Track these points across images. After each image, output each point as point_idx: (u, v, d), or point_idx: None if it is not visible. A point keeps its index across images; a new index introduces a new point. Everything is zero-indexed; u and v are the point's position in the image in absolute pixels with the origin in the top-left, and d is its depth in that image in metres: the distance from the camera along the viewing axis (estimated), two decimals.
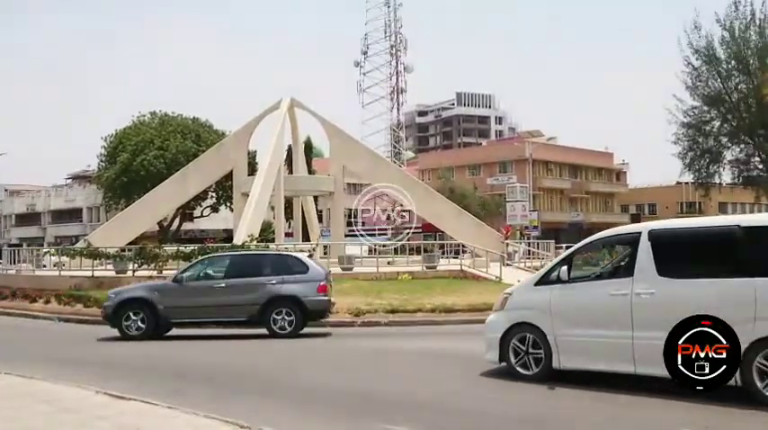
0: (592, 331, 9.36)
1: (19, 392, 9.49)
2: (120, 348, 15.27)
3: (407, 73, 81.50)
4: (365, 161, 38.07)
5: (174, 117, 58.63)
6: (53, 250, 36.07)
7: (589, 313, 9.53)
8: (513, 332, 10.15)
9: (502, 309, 10.56)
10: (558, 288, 9.88)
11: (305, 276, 16.73)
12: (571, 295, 9.75)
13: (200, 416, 7.68)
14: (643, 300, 8.92)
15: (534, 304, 10.06)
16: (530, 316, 10.05)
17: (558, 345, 9.70)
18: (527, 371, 9.94)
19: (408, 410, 8.50)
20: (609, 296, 9.26)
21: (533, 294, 10.20)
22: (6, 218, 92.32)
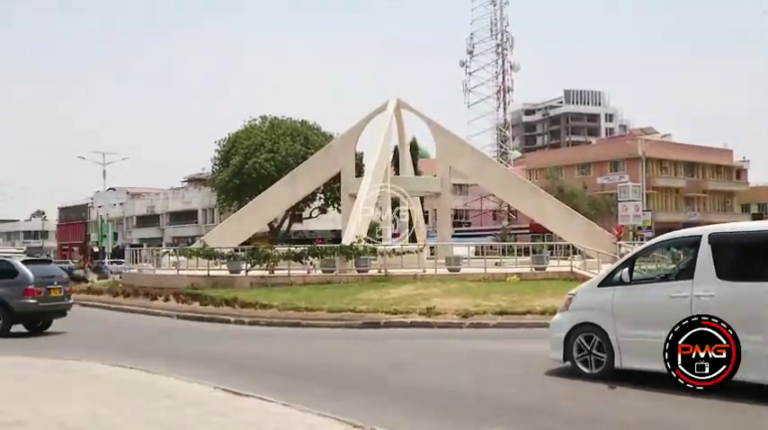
0: (652, 332, 9.23)
1: (143, 386, 9.93)
2: (230, 347, 15.73)
3: (514, 71, 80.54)
4: (471, 161, 37.82)
5: (284, 120, 60.14)
6: (171, 250, 37.68)
7: (649, 314, 9.60)
8: (576, 332, 10.37)
9: (566, 309, 10.82)
10: (620, 289, 10.06)
11: (12, 280, 17.57)
12: (632, 296, 9.92)
13: (314, 415, 7.80)
14: (702, 302, 8.90)
15: (597, 305, 10.27)
16: (592, 316, 10.27)
17: (619, 346, 9.84)
18: (589, 370, 10.17)
19: (516, 413, 8.35)
20: (669, 298, 9.35)
21: (596, 295, 10.42)
22: (128, 219, 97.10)
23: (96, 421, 7.61)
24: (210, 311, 22.66)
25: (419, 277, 26.30)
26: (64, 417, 7.76)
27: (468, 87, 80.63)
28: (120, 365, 11.70)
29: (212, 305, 23.20)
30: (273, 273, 27.73)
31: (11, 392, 9.51)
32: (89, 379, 10.60)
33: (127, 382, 10.28)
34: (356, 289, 24.15)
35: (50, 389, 9.75)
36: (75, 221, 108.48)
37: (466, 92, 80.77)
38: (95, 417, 7.81)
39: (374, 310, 20.19)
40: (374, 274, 27.11)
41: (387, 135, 36.04)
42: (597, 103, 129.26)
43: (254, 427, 7.39)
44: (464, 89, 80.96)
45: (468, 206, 75.75)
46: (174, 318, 22.73)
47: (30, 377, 10.75)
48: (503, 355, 13.38)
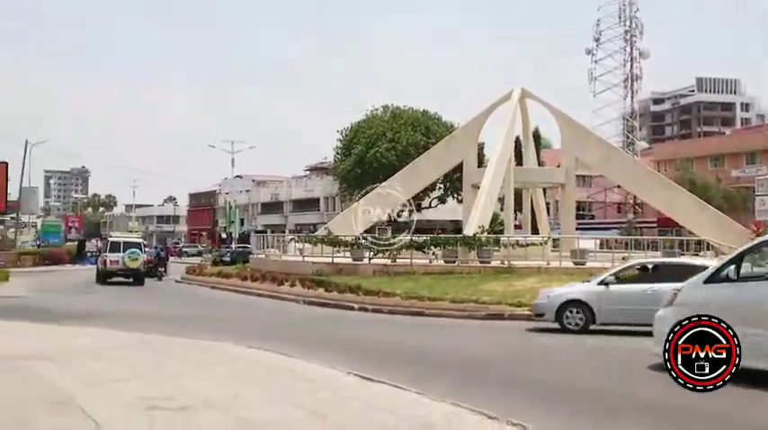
0: (756, 330, 9.07)
1: (279, 368, 10.25)
2: (356, 333, 15.97)
3: (643, 59, 77.35)
4: (598, 152, 36.68)
5: (405, 110, 60.35)
6: (296, 237, 38.67)
7: (755, 312, 9.43)
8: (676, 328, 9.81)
9: (671, 304, 10.67)
10: (726, 286, 10.00)
11: None
12: (738, 294, 9.82)
13: (448, 404, 7.78)
14: None
15: (701, 301, 9.96)
16: (698, 313, 9.46)
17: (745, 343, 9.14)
18: None
19: (648, 412, 8.03)
20: None
21: (701, 291, 10.30)
22: (253, 206, 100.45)
23: (238, 400, 7.90)
24: (335, 298, 23.15)
25: (543, 270, 25.80)
26: (208, 395, 8.10)
27: (593, 76, 78.13)
28: (255, 347, 12.12)
29: (336, 291, 23.67)
30: (395, 262, 27.96)
31: (157, 370, 10.03)
32: (228, 359, 11.04)
33: (263, 364, 10.63)
34: (478, 280, 23.98)
35: (193, 367, 10.21)
36: (204, 207, 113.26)
37: (591, 80, 78.32)
38: (237, 397, 8.11)
39: (498, 302, 20.00)
40: (497, 266, 26.82)
41: (511, 124, 35.51)
42: (732, 91, 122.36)
43: (389, 413, 7.45)
44: (589, 78, 78.51)
45: (592, 198, 73.56)
46: (301, 303, 23.37)
47: (172, 355, 11.31)
48: (636, 352, 12.93)
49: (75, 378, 9.14)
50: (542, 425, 7.05)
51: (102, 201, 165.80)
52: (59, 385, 8.61)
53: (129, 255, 33.35)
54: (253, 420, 6.92)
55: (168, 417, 7.00)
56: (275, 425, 6.78)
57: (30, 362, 10.18)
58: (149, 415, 7.07)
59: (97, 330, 14.29)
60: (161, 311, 20.16)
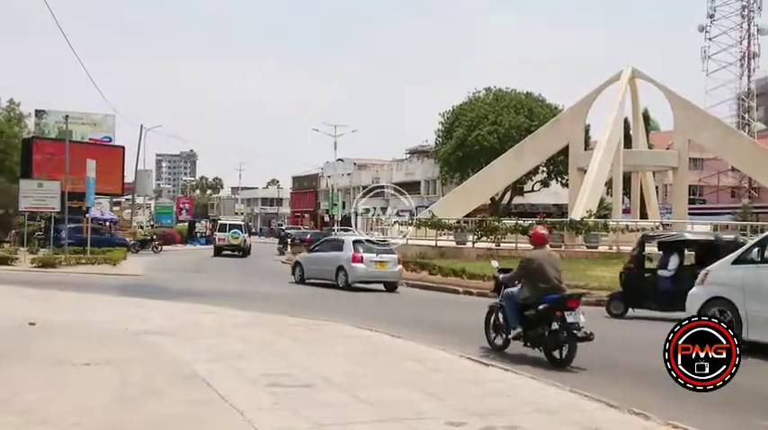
0: None
1: (390, 349, 10.33)
2: (464, 316, 15.90)
3: (761, 35, 73.24)
4: (714, 134, 35.16)
5: (508, 92, 59.52)
6: (400, 220, 38.90)
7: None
8: (709, 305, 11.05)
9: (702, 283, 11.52)
10: (752, 268, 10.84)
11: None
12: (758, 274, 10.64)
13: (566, 391, 7.64)
14: None
15: (729, 281, 11.02)
16: (725, 291, 11.05)
17: (747, 319, 10.55)
18: None
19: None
20: None
21: (729, 272, 11.17)
22: (355, 189, 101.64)
23: (356, 379, 8.01)
24: (438, 281, 23.13)
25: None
26: (326, 373, 8.26)
27: (707, 54, 74.57)
28: (365, 328, 12.26)
29: (440, 275, 23.66)
30: (500, 246, 27.71)
31: (274, 347, 10.30)
32: (340, 338, 11.23)
33: (375, 344, 10.75)
34: (586, 265, 23.47)
35: (308, 346, 10.43)
36: (306, 190, 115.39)
37: (705, 59, 74.77)
38: (354, 376, 8.23)
39: (607, 288, 19.45)
40: (604, 251, 26.18)
41: (620, 106, 34.58)
42: None
43: (506, 397, 7.39)
44: (703, 56, 74.96)
45: (704, 182, 70.61)
46: (404, 286, 23.43)
47: (287, 334, 11.59)
48: None
49: (198, 353, 9.50)
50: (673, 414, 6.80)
51: (210, 184, 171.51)
52: (184, 359, 8.97)
53: (232, 234, 42.63)
54: (370, 399, 7.00)
55: (290, 393, 7.17)
56: (393, 404, 6.82)
57: (155, 337, 10.67)
58: (271, 391, 7.26)
59: (214, 308, 14.80)
60: (271, 292, 20.69)
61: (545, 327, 9.87)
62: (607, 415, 6.75)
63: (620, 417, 6.67)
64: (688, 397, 7.89)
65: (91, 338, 10.59)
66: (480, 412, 6.60)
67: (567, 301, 9.85)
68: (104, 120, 61.29)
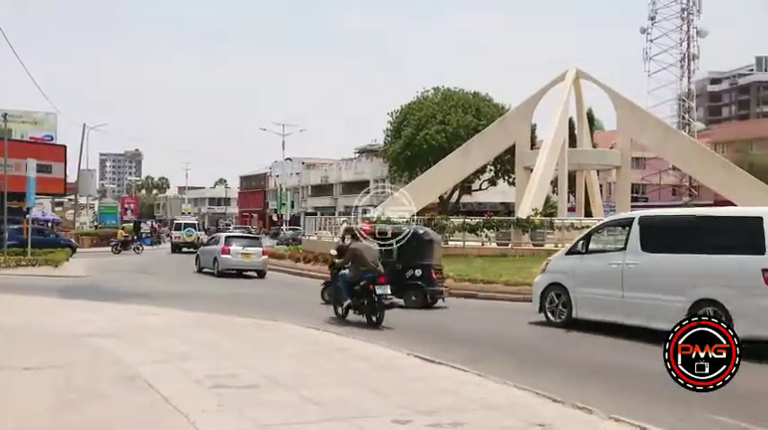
0: (596, 290, 12.60)
1: (337, 348, 10.32)
2: (412, 315, 15.98)
3: (700, 38, 75.08)
4: (655, 133, 35.95)
5: (456, 92, 59.89)
6: (349, 219, 38.80)
7: (595, 277, 12.69)
8: (549, 289, 13.54)
9: (543, 272, 14.03)
10: (578, 258, 13.25)
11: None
12: (585, 264, 13.02)
13: (511, 387, 7.74)
14: (630, 269, 12.00)
15: (562, 269, 13.48)
16: (559, 278, 13.41)
17: (576, 300, 12.94)
18: (555, 319, 13.35)
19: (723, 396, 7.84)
20: (608, 265, 12.43)
21: (563, 261, 13.69)
22: (303, 188, 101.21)
23: (301, 379, 7.98)
24: None
25: None
26: (272, 373, 8.21)
27: (648, 55, 76.18)
28: (312, 327, 12.23)
29: None
30: (448, 244, 27.87)
31: (220, 348, 10.20)
32: (287, 338, 11.17)
33: (322, 343, 10.72)
34: (532, 262, 23.69)
35: (255, 346, 10.36)
36: (254, 189, 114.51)
37: (646, 60, 76.37)
38: (300, 376, 8.20)
39: None
40: (550, 248, 26.49)
41: (565, 106, 35.04)
42: None
43: (453, 395, 7.44)
44: (644, 57, 76.49)
45: (646, 180, 72.21)
46: None
47: (234, 334, 11.49)
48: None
49: (142, 355, 9.35)
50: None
51: (156, 184, 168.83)
52: (128, 362, 8.81)
53: (187, 232, 45.99)
54: (317, 399, 6.98)
55: (235, 394, 7.10)
56: (339, 403, 6.82)
57: (98, 340, 10.47)
58: (217, 392, 7.19)
59: (159, 309, 14.61)
60: (217, 291, 20.48)
61: (364, 298, 13.24)
62: (551, 410, 6.85)
63: (564, 412, 6.78)
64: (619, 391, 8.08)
65: (32, 342, 10.34)
66: (426, 410, 6.64)
67: (378, 278, 13.24)
68: (45, 119, 59.72)
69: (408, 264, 16.63)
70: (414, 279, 16.53)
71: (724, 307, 10.51)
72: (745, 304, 10.41)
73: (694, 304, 10.77)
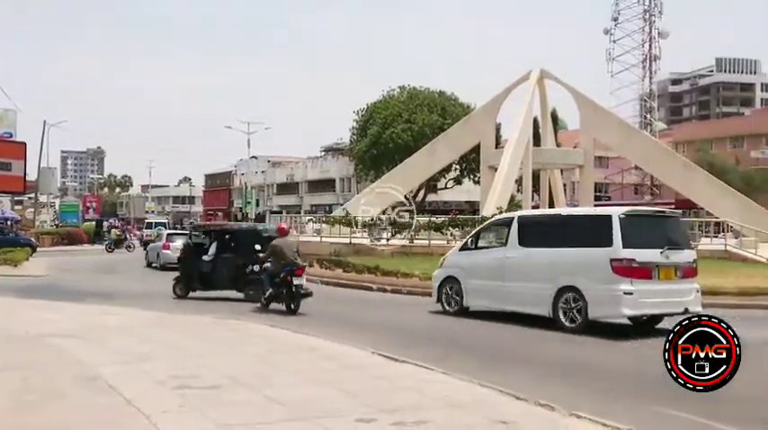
0: (483, 281, 14.22)
1: (301, 347, 10.28)
2: (377, 313, 15.98)
3: (662, 39, 76.40)
4: (617, 133, 36.47)
5: (422, 91, 60.07)
6: (314, 218, 38.73)
7: (482, 270, 14.26)
8: (446, 282, 15.05)
9: (441, 267, 15.59)
10: (469, 253, 15.02)
11: None
12: (474, 258, 14.73)
13: (476, 385, 7.77)
14: (509, 261, 13.61)
15: (456, 264, 15.10)
16: (454, 271, 14.96)
17: (467, 290, 14.49)
18: (450, 308, 14.85)
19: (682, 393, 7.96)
20: (493, 258, 14.11)
21: (456, 257, 15.36)
22: (269, 187, 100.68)
23: (264, 379, 7.94)
24: (353, 278, 23.08)
25: None
26: (234, 373, 8.15)
27: (611, 56, 77.33)
28: (277, 326, 12.17)
29: (355, 272, 23.61)
30: (413, 242, 27.97)
31: (182, 348, 10.10)
32: (250, 337, 11.10)
33: (285, 342, 10.67)
34: None
35: (217, 346, 10.27)
36: (219, 188, 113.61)
37: (609, 60, 77.49)
38: (263, 376, 8.15)
39: None
40: None
41: (529, 105, 35.35)
42: (752, 71, 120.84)
43: (417, 393, 7.45)
44: (607, 58, 77.66)
45: (609, 179, 73.18)
46: (318, 283, 23.26)
47: (196, 334, 11.38)
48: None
49: (103, 356, 9.22)
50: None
51: (119, 182, 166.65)
52: (88, 362, 8.68)
53: (157, 230, 47.57)
54: (280, 399, 6.95)
55: (197, 395, 7.04)
56: (303, 403, 6.80)
57: (58, 340, 10.29)
58: (179, 393, 7.11)
59: (121, 309, 14.41)
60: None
61: (283, 288, 14.74)
62: (514, 407, 6.89)
63: (527, 409, 6.82)
64: (580, 387, 8.14)
65: None
66: (391, 408, 6.64)
67: (296, 271, 14.79)
68: (5, 115, 58.42)
69: (248, 260, 16.88)
70: (254, 274, 16.61)
71: (581, 292, 12.22)
72: (597, 289, 12.09)
73: (559, 291, 12.46)
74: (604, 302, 12.05)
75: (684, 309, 11.76)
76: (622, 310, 12.04)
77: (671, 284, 12.44)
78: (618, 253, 11.96)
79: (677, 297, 12.28)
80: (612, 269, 11.93)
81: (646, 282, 12.08)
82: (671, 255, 12.37)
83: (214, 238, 18.59)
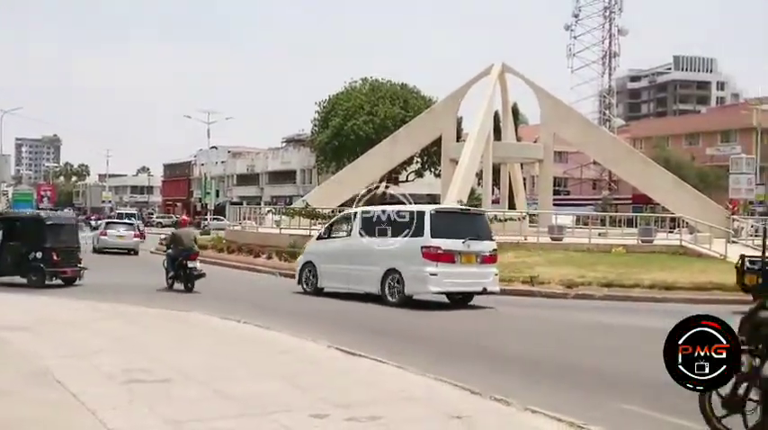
0: (333, 265, 16.81)
1: (256, 340, 10.15)
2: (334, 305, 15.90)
3: (621, 36, 77.28)
4: (577, 128, 36.78)
5: (384, 83, 59.92)
6: (273, 209, 38.41)
7: (334, 255, 16.93)
8: (305, 266, 17.60)
9: (303, 253, 18.72)
10: (323, 242, 17.90)
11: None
12: (327, 246, 17.54)
13: (431, 379, 7.72)
14: (352, 249, 16.41)
15: (313, 250, 18.05)
16: (312, 257, 17.70)
17: (321, 273, 17.02)
18: (308, 288, 17.30)
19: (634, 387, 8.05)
20: (340, 246, 16.94)
21: (315, 245, 18.45)
22: (229, 177, 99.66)
23: (217, 373, 7.80)
24: None
25: (521, 245, 25.90)
26: (186, 367, 7.99)
27: (572, 52, 78.02)
28: (232, 319, 11.99)
29: None
30: None
31: (134, 341, 9.89)
32: (205, 330, 10.93)
33: (240, 336, 10.52)
34: None
35: (170, 339, 10.09)
36: (178, 178, 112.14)
37: (570, 57, 78.18)
38: (216, 369, 8.01)
39: None
40: None
41: (491, 99, 35.42)
42: (708, 69, 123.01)
43: (372, 387, 7.39)
44: (568, 54, 78.33)
45: (567, 174, 73.95)
46: (277, 276, 23.15)
47: (149, 326, 11.17)
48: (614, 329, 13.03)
49: (52, 349, 8.98)
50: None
51: (75, 171, 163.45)
52: (36, 356, 8.44)
53: None
54: (232, 393, 6.83)
55: (147, 390, 6.87)
56: (255, 398, 6.68)
57: (5, 333, 9.98)
58: (128, 388, 6.93)
59: (73, 301, 14.08)
60: (136, 282, 19.92)
61: (181, 270, 17.30)
62: (469, 402, 6.84)
63: (482, 404, 6.79)
64: (535, 382, 8.16)
65: None
66: (344, 403, 6.55)
67: (190, 256, 17.42)
68: None
69: (31, 247, 17.71)
70: (36, 261, 17.60)
71: (401, 273, 15.04)
72: (411, 271, 14.89)
73: (385, 272, 15.25)
74: (416, 281, 14.90)
75: (483, 289, 15.23)
76: (429, 288, 14.93)
77: (472, 268, 15.26)
78: (427, 241, 14.79)
79: (477, 278, 15.23)
80: (422, 254, 14.76)
81: (449, 266, 14.89)
82: (472, 244, 15.17)
83: (2, 226, 18.91)
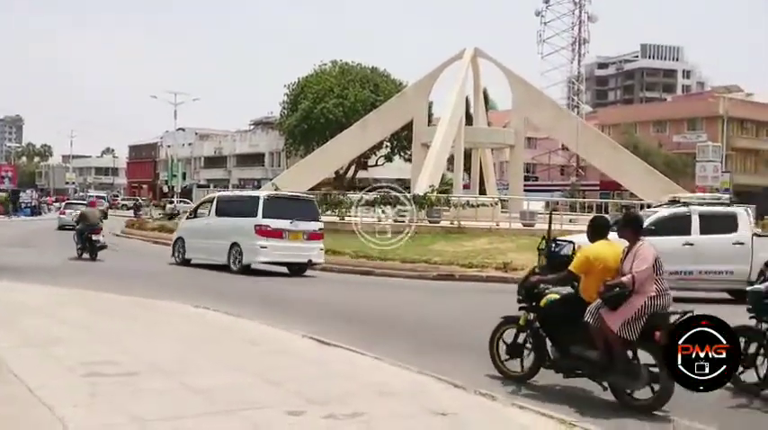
0: (196, 240, 20.22)
1: (227, 329, 9.77)
2: (308, 292, 15.54)
3: (591, 23, 77.45)
4: (548, 114, 36.70)
5: (354, 66, 59.30)
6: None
7: (197, 231, 20.46)
8: (177, 242, 21.07)
9: (177, 230, 22.28)
10: (191, 221, 21.70)
11: None
12: (193, 224, 21.26)
13: (414, 372, 7.40)
14: (209, 226, 19.94)
15: (184, 227, 21.69)
16: (183, 233, 21.21)
17: (188, 247, 20.40)
18: (178, 260, 20.57)
19: None
20: (204, 224, 20.43)
21: (186, 223, 22.06)
22: (196, 160, 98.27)
23: (184, 364, 7.41)
24: None
25: (493, 230, 25.73)
26: (153, 358, 7.59)
27: (542, 38, 78.04)
28: (201, 306, 11.56)
29: None
30: (344, 219, 27.53)
31: (99, 329, 9.44)
32: (173, 318, 10.51)
33: (210, 324, 10.12)
34: (429, 240, 23.75)
35: (137, 327, 9.65)
36: (144, 160, 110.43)
37: (540, 42, 78.21)
38: (184, 360, 7.62)
39: (449, 263, 19.80)
40: (446, 226, 26.65)
41: (462, 84, 35.15)
42: (675, 58, 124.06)
43: (348, 379, 7.06)
44: (538, 39, 78.37)
45: (536, 160, 74.15)
46: None
47: (115, 313, 10.71)
48: None
49: (8, 339, 8.49)
50: None
51: (38, 151, 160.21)
52: None
53: None
54: (199, 386, 6.45)
55: (109, 383, 6.46)
56: (227, 392, 6.31)
57: None
58: (90, 381, 6.51)
59: (35, 286, 13.47)
60: (102, 266, 19.35)
61: (87, 243, 20.54)
62: (452, 396, 6.56)
63: (466, 398, 6.51)
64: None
65: None
66: (322, 398, 6.20)
67: (94, 230, 20.58)
68: None
69: None
70: None
71: (240, 246, 18.44)
72: (247, 244, 18.32)
73: (230, 246, 18.64)
74: (251, 253, 18.26)
75: (309, 261, 18.68)
76: (260, 258, 18.29)
77: (298, 243, 18.57)
78: (259, 221, 18.19)
79: (303, 252, 18.61)
80: (255, 231, 18.16)
81: (277, 241, 18.23)
82: (299, 224, 18.47)
83: None
